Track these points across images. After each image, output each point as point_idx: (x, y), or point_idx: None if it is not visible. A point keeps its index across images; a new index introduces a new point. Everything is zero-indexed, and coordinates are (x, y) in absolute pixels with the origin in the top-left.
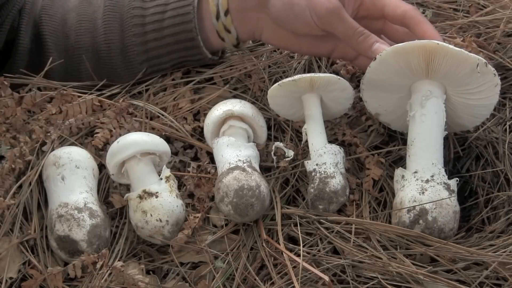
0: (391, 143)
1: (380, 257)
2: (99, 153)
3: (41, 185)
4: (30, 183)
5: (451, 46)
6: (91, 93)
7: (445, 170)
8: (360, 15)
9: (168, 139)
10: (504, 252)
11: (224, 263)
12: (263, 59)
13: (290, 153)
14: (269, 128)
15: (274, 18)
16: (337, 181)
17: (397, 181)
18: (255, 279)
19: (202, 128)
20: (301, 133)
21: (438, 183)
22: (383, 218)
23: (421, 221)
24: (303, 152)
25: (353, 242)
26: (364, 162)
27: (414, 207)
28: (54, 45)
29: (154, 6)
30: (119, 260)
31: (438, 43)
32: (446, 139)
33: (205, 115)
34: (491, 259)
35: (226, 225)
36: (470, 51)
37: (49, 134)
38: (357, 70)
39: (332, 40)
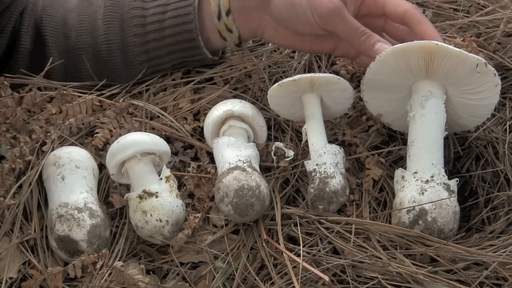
0: (391, 143)
1: (380, 257)
2: (99, 153)
3: (41, 185)
4: (30, 183)
5: (450, 47)
6: (91, 93)
7: (445, 170)
8: (362, 13)
9: (168, 139)
10: (504, 252)
11: (224, 263)
12: (263, 59)
13: (290, 153)
14: (269, 128)
15: (275, 18)
16: (337, 181)
17: (397, 182)
18: (255, 279)
19: (202, 128)
20: (301, 133)
21: (438, 184)
22: (383, 218)
23: (420, 222)
24: (303, 152)
25: (353, 242)
26: (364, 162)
27: (413, 207)
28: (55, 46)
29: (154, 6)
30: (119, 260)
31: (437, 44)
32: (446, 139)
33: (205, 115)
34: (491, 259)
35: (226, 225)
36: (470, 51)
37: (49, 134)
38: (357, 70)
39: (334, 38)
